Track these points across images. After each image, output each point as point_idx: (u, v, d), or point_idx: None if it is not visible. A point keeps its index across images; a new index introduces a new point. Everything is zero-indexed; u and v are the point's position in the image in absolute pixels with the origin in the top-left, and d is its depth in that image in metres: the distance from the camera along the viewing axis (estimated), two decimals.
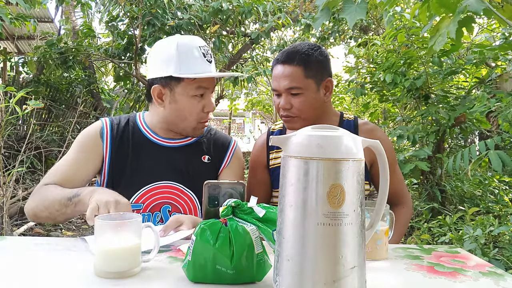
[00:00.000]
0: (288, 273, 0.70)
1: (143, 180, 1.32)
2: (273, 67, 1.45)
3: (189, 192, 1.35)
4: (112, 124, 1.36)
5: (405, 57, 3.41)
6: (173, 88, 1.27)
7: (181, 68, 1.25)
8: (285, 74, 1.38)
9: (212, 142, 1.44)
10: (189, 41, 1.28)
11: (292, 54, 1.38)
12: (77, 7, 5.63)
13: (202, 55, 1.28)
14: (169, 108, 1.30)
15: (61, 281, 0.82)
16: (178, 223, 1.13)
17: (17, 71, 6.29)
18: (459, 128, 3.40)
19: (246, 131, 19.46)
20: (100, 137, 1.33)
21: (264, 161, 1.57)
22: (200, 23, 5.03)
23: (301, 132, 0.73)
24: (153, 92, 1.30)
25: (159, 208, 1.32)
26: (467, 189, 3.61)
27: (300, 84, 1.37)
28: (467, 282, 0.87)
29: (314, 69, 1.38)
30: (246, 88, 8.34)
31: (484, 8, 1.34)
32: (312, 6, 5.96)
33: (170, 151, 1.36)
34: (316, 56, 1.39)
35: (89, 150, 1.32)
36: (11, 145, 5.07)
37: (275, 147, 1.57)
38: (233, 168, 1.43)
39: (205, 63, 1.28)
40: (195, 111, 1.30)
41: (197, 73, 1.25)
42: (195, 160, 1.38)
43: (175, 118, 1.32)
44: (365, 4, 1.56)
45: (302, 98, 1.38)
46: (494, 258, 2.22)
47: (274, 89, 1.43)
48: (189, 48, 1.26)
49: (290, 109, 1.40)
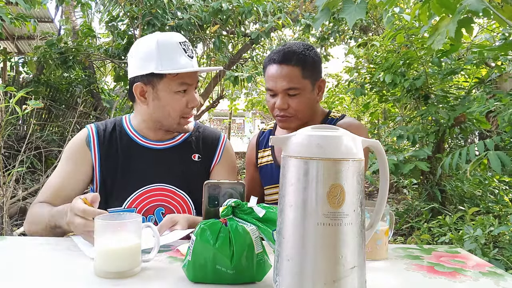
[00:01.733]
0: (288, 273, 0.70)
1: (134, 184, 1.30)
2: (266, 66, 1.42)
3: (182, 193, 1.33)
4: (99, 130, 1.35)
5: (405, 57, 3.41)
6: (155, 85, 1.25)
7: (162, 64, 1.23)
8: (283, 74, 1.37)
9: (201, 140, 1.42)
10: (169, 37, 1.26)
11: (289, 55, 1.37)
12: (77, 7, 5.62)
13: (183, 50, 1.26)
14: (153, 106, 1.28)
15: (61, 281, 0.82)
16: (173, 223, 1.12)
17: (17, 71, 6.29)
18: (459, 128, 3.40)
19: (246, 131, 19.46)
20: (87, 145, 1.32)
21: (254, 160, 1.63)
22: (200, 23, 5.03)
23: (301, 132, 0.73)
24: (135, 90, 1.28)
25: (153, 211, 1.31)
26: (467, 189, 3.62)
27: (298, 85, 1.37)
28: (467, 282, 0.87)
29: (311, 70, 1.39)
30: (246, 88, 8.34)
31: (484, 8, 1.34)
32: (312, 6, 5.97)
33: (159, 153, 1.34)
34: (312, 57, 1.40)
35: (77, 161, 1.31)
36: (11, 145, 5.07)
37: (262, 146, 1.62)
38: (224, 164, 1.42)
39: (187, 58, 1.26)
40: (178, 107, 1.28)
41: (179, 68, 1.24)
42: (185, 159, 1.37)
43: (159, 115, 1.30)
44: (365, 4, 1.56)
45: (299, 98, 1.38)
46: (494, 258, 2.22)
47: (270, 89, 1.41)
48: (170, 44, 1.24)
49: (286, 109, 1.39)
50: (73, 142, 1.35)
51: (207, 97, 6.87)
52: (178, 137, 1.39)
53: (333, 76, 7.53)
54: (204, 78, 6.65)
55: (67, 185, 1.28)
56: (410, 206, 3.84)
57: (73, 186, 1.28)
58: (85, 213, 0.98)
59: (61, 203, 1.24)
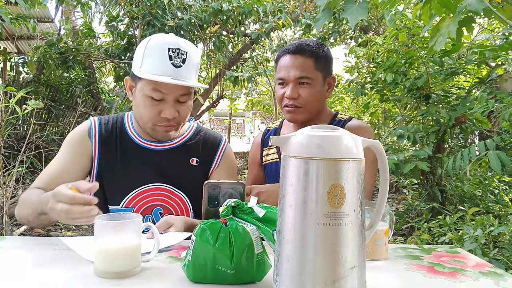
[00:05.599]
0: (288, 273, 0.70)
1: (131, 183, 1.30)
2: (280, 57, 1.46)
3: (180, 193, 1.32)
4: (101, 123, 1.34)
5: (406, 57, 3.41)
6: (136, 83, 1.25)
7: (142, 65, 1.20)
8: (296, 64, 1.41)
9: (201, 144, 1.39)
10: (161, 40, 1.21)
11: (303, 46, 1.42)
12: (77, 7, 5.62)
13: (169, 57, 1.18)
14: (133, 103, 1.29)
15: (61, 281, 0.82)
16: (168, 225, 1.11)
17: (17, 71, 6.28)
18: (459, 128, 3.40)
19: (246, 131, 19.47)
20: (88, 137, 1.31)
21: (259, 158, 1.64)
22: (200, 23, 5.03)
23: (301, 132, 0.73)
24: (126, 83, 1.30)
25: (150, 211, 1.30)
26: (467, 189, 3.62)
27: (310, 75, 1.40)
28: (467, 282, 0.86)
29: (323, 63, 1.43)
30: (246, 88, 8.35)
31: (484, 8, 1.34)
32: (312, 6, 5.97)
33: (157, 155, 1.33)
34: (325, 52, 1.45)
35: (76, 151, 1.30)
36: (11, 145, 5.07)
37: (267, 144, 1.62)
38: (224, 168, 1.39)
39: (169, 66, 1.18)
40: (149, 113, 1.23)
41: (156, 74, 1.17)
42: (183, 163, 1.35)
43: (136, 115, 1.29)
44: (366, 4, 1.56)
45: (310, 89, 1.41)
46: (494, 258, 2.22)
47: (281, 78, 1.44)
48: (157, 47, 1.19)
49: (297, 98, 1.41)
50: (75, 132, 1.33)
51: (207, 97, 6.87)
52: (175, 140, 1.36)
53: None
54: (204, 78, 6.66)
55: (65, 174, 1.26)
56: (410, 206, 3.84)
57: (70, 175, 1.27)
58: (74, 199, 0.93)
59: None
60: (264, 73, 4.94)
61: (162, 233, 1.09)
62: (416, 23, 3.18)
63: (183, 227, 1.12)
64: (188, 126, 1.43)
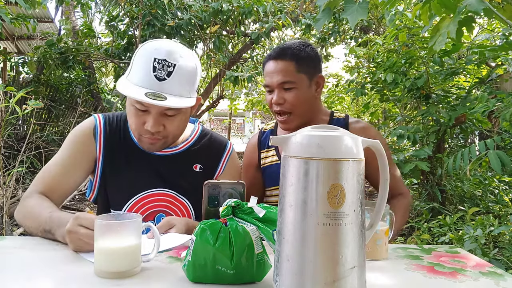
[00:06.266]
0: (288, 273, 0.70)
1: (134, 188, 1.27)
2: (264, 64, 1.46)
3: (183, 198, 1.30)
4: (106, 122, 1.29)
5: (406, 57, 3.41)
6: None
7: (130, 74, 1.15)
8: (277, 69, 1.40)
9: (205, 150, 1.36)
10: (152, 48, 1.13)
11: (284, 50, 1.41)
12: (77, 7, 5.63)
13: (153, 68, 1.10)
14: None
15: (61, 281, 0.82)
16: (169, 226, 1.10)
17: (17, 71, 6.29)
18: (459, 128, 3.40)
19: (246, 131, 19.47)
20: (93, 137, 1.26)
21: (256, 161, 1.60)
22: (200, 23, 5.03)
23: (301, 132, 0.73)
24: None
25: (153, 217, 1.28)
26: (467, 189, 3.61)
27: (293, 79, 1.39)
28: (467, 282, 0.87)
29: (306, 64, 1.41)
30: (246, 88, 8.34)
31: (484, 8, 1.33)
32: (312, 6, 5.97)
33: (159, 160, 1.29)
34: (307, 52, 1.42)
35: (80, 152, 1.25)
36: (11, 145, 5.07)
37: (265, 147, 1.60)
38: (227, 176, 1.35)
39: (151, 78, 1.10)
40: (133, 123, 1.19)
41: (137, 85, 1.11)
42: (185, 170, 1.32)
43: (128, 121, 1.24)
44: (366, 4, 1.56)
45: (294, 92, 1.40)
46: (494, 258, 2.22)
47: (266, 85, 1.44)
48: (144, 56, 1.13)
49: (283, 104, 1.41)
50: (79, 130, 1.27)
51: (207, 97, 6.87)
52: (179, 146, 1.33)
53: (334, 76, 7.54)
54: (204, 78, 6.66)
55: (64, 178, 1.22)
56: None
57: (70, 180, 1.24)
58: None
59: (59, 195, 1.23)
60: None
61: (163, 234, 1.08)
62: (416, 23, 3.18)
63: (185, 228, 1.11)
64: (193, 130, 1.39)
